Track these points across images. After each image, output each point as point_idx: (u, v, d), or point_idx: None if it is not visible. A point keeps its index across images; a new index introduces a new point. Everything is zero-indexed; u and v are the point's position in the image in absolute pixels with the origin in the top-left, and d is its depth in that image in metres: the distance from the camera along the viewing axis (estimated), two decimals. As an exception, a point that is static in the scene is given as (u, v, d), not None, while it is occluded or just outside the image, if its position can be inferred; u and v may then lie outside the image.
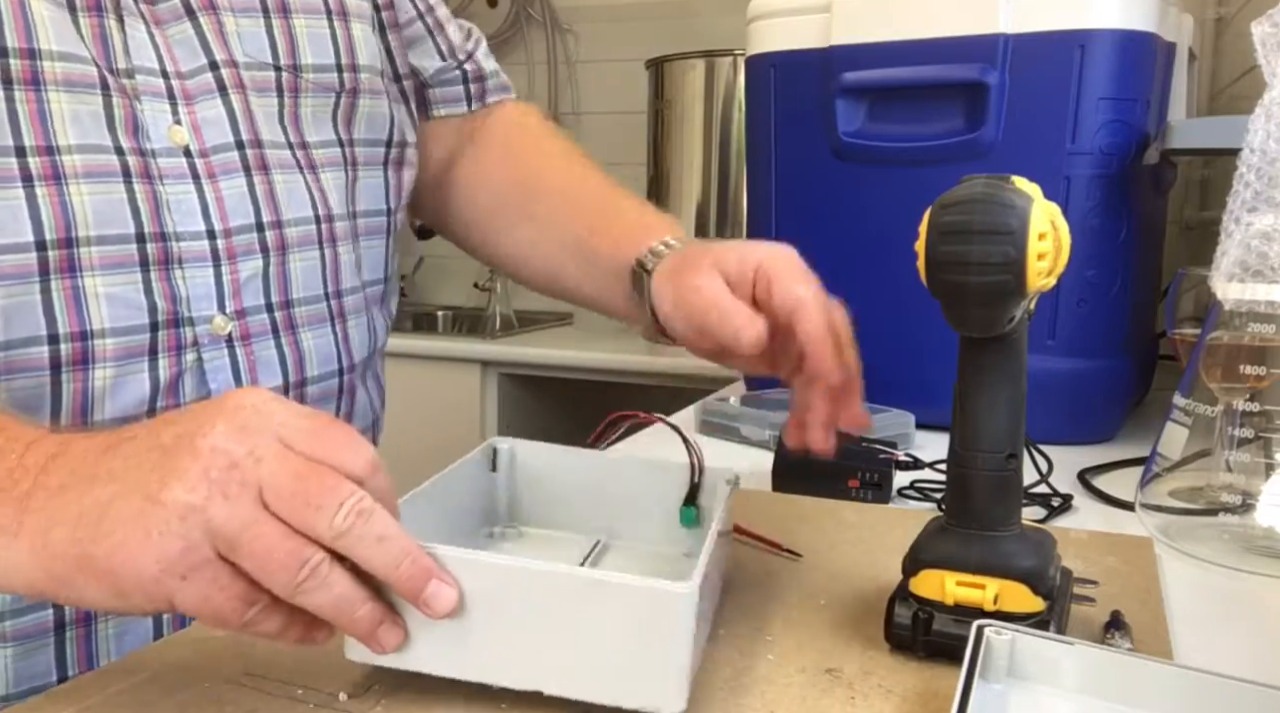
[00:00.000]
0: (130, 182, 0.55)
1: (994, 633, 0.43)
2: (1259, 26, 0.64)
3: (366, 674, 0.46)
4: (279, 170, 0.62)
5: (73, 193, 0.53)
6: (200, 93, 0.59)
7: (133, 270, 0.55)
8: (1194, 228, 1.52)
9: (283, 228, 0.62)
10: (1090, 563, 0.61)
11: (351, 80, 0.67)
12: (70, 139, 0.53)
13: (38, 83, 0.53)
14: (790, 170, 1.06)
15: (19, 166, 0.52)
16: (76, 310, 0.54)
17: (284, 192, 0.62)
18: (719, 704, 0.44)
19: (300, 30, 0.64)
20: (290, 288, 0.62)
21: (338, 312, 0.66)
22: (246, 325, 0.61)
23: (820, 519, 0.68)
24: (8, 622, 0.55)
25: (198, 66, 0.60)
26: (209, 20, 0.61)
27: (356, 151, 0.69)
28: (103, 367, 0.55)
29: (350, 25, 0.68)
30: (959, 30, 0.93)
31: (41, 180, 0.52)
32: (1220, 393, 0.66)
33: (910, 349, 0.98)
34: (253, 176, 0.60)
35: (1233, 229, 0.63)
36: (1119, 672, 0.42)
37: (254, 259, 0.60)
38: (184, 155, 0.58)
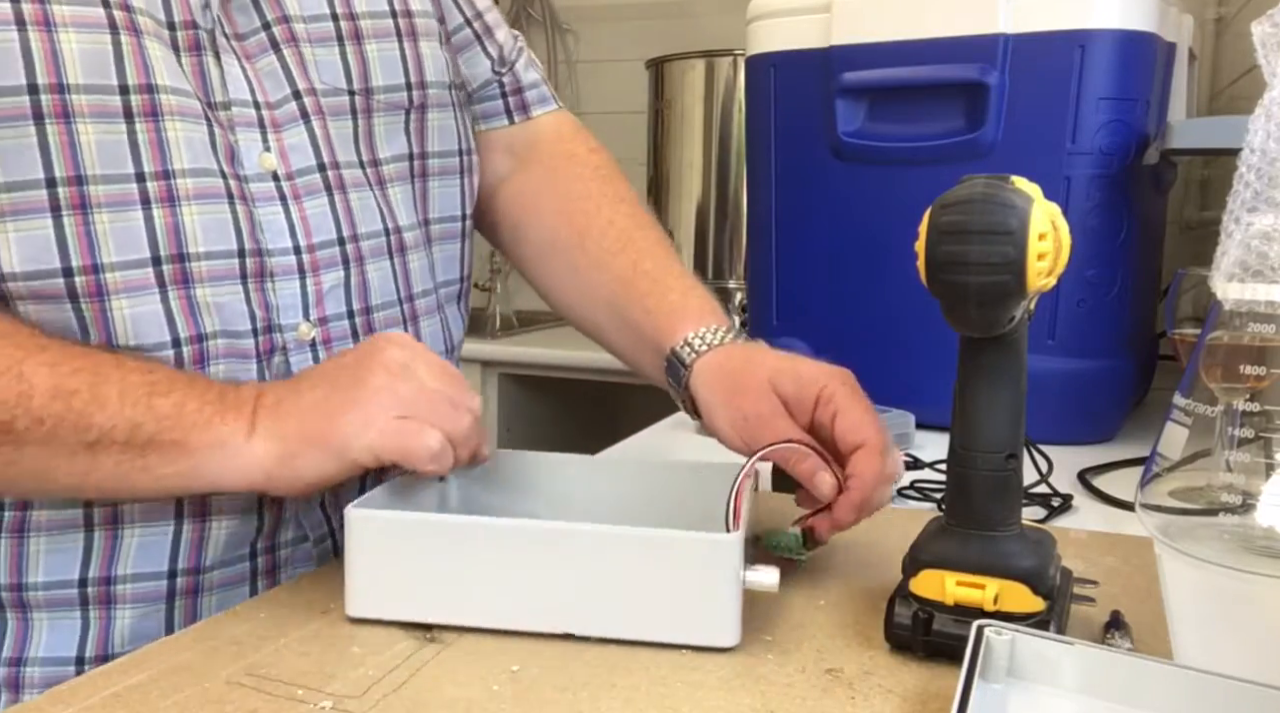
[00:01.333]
0: (233, 203, 0.61)
1: (994, 633, 0.43)
2: (1259, 26, 0.64)
3: (366, 675, 0.46)
4: (354, 189, 0.67)
5: (184, 214, 0.60)
6: (286, 121, 0.64)
7: (235, 282, 0.62)
8: (1194, 228, 1.52)
9: (359, 241, 0.67)
10: (1090, 563, 0.61)
11: (420, 97, 0.71)
12: (184, 164, 0.59)
13: (156, 114, 0.58)
14: (790, 170, 1.06)
15: (138, 191, 0.58)
16: (192, 317, 0.60)
17: (359, 208, 0.67)
18: (719, 704, 0.44)
19: (372, 55, 0.69)
20: (369, 295, 0.68)
21: (410, 314, 0.71)
22: (328, 331, 0.66)
23: (820, 519, 0.68)
24: (129, 585, 0.61)
25: (283, 96, 0.64)
26: (291, 52, 0.65)
27: (429, 163, 0.73)
28: (215, 365, 0.61)
29: (419, 44, 0.71)
30: (959, 30, 0.93)
31: (157, 203, 0.59)
32: (1220, 393, 0.66)
33: (910, 349, 0.98)
34: (333, 196, 0.66)
35: (1233, 229, 0.63)
36: (1119, 672, 0.42)
37: (335, 271, 0.66)
38: (273, 180, 0.63)
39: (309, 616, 0.53)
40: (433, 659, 0.48)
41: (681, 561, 0.48)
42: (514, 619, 0.50)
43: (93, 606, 0.61)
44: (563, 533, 0.50)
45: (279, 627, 0.51)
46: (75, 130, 0.56)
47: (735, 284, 1.94)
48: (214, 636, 0.50)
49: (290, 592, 0.56)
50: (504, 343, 2.08)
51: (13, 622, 0.61)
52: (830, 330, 1.03)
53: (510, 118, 0.82)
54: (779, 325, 1.07)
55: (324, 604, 0.54)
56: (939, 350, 0.97)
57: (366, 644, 0.49)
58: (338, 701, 0.44)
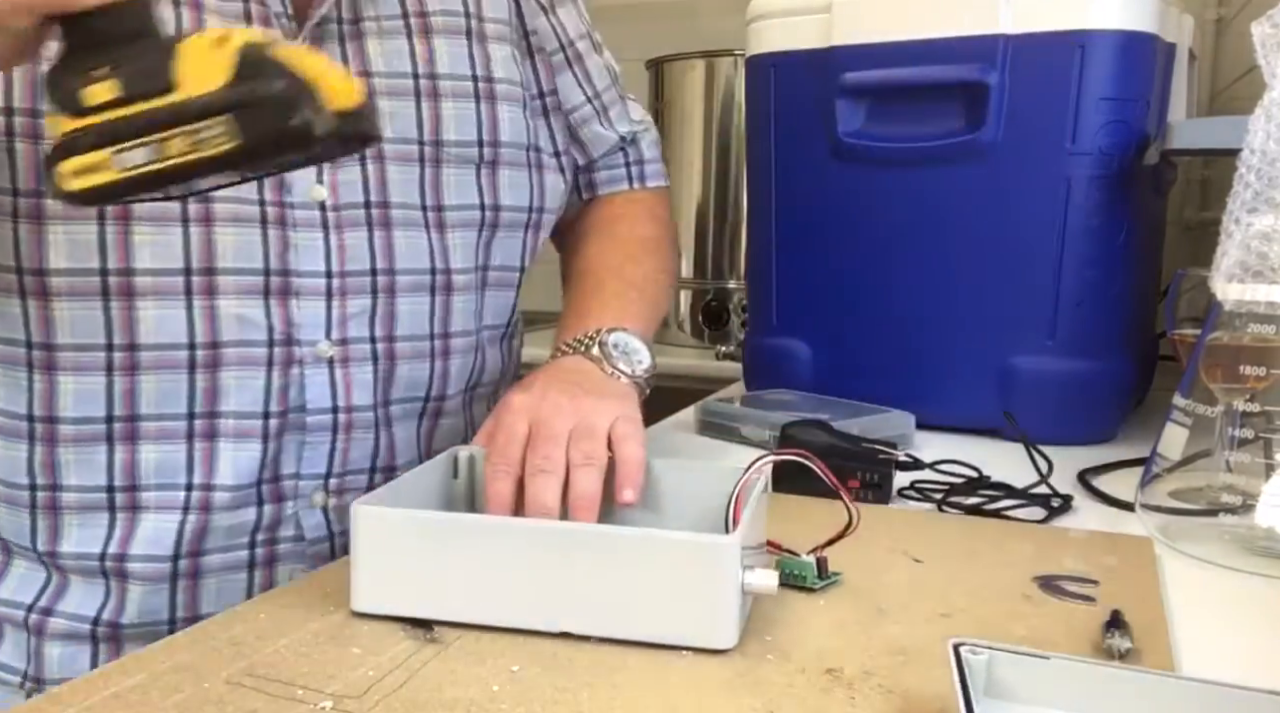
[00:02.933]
0: (265, 227, 0.68)
1: (970, 652, 0.42)
2: (1259, 27, 0.64)
3: (366, 675, 0.46)
4: (402, 227, 0.73)
5: (217, 232, 0.67)
6: (346, 160, 0.71)
7: (257, 297, 0.69)
8: (1194, 228, 1.52)
9: (394, 275, 0.73)
10: (1090, 563, 0.61)
11: (492, 153, 0.78)
12: (222, 192, 0.65)
13: None
14: (790, 170, 1.06)
15: (179, 211, 0.66)
16: (210, 325, 0.68)
17: (404, 245, 0.73)
18: (719, 705, 0.44)
19: (447, 112, 0.75)
20: (395, 325, 0.74)
21: (442, 350, 0.77)
22: (348, 351, 0.72)
23: (820, 519, 0.68)
24: (137, 564, 0.69)
25: None
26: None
27: (501, 215, 0.79)
28: (226, 371, 0.68)
29: (497, 107, 0.78)
30: (959, 30, 0.93)
31: (196, 222, 0.66)
32: (1220, 393, 0.66)
33: (910, 349, 0.98)
34: (373, 231, 0.72)
35: (1233, 230, 0.63)
36: (1096, 685, 0.41)
37: (363, 298, 0.72)
38: (319, 209, 0.70)
39: (309, 616, 0.53)
40: (433, 659, 0.48)
41: (681, 562, 0.48)
42: (513, 617, 0.50)
43: (111, 577, 0.70)
44: (563, 532, 0.51)
45: (279, 627, 0.51)
46: None
47: (735, 284, 1.94)
48: (214, 636, 0.50)
49: (290, 592, 0.56)
50: (504, 343, 2.07)
51: (55, 576, 0.70)
52: (830, 330, 1.03)
53: (630, 183, 0.92)
54: (779, 325, 1.08)
55: (324, 605, 0.54)
56: (939, 350, 0.98)
57: (366, 644, 0.49)
58: (338, 701, 0.44)
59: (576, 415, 0.61)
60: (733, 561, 0.48)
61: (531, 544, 0.50)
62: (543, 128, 0.84)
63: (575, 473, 0.58)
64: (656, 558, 0.48)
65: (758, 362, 1.11)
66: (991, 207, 0.94)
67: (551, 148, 0.85)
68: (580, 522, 0.55)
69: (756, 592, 0.49)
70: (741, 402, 1.00)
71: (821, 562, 0.57)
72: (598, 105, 0.89)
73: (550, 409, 0.61)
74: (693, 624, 0.48)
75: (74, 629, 0.70)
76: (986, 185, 0.94)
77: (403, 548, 0.51)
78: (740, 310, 1.92)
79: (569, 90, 0.87)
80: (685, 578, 0.48)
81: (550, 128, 0.85)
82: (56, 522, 0.69)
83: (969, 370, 0.96)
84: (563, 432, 0.60)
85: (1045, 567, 0.61)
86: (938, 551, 0.64)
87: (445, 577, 0.51)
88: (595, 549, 0.49)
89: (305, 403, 0.71)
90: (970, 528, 0.69)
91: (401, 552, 0.51)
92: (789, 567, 0.57)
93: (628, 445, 0.60)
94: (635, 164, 0.92)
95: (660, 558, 0.48)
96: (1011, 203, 0.93)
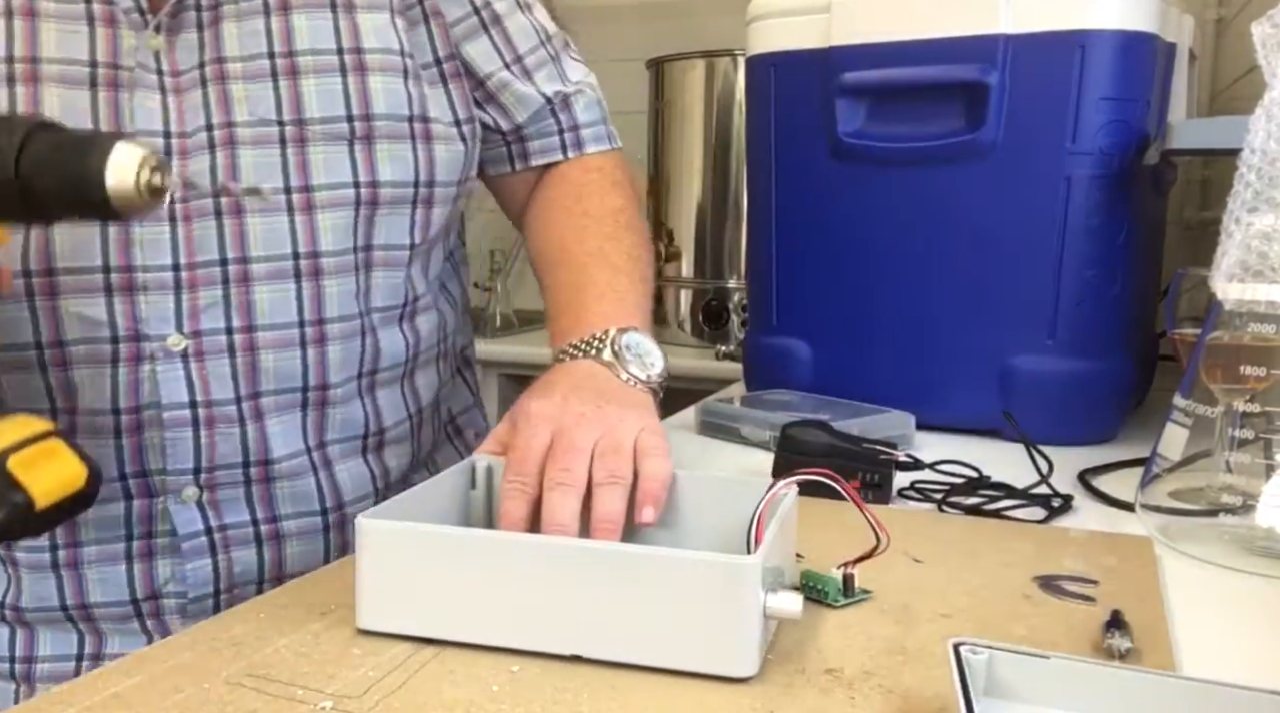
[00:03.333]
0: (105, 224, 0.68)
1: (970, 652, 0.42)
2: (1259, 27, 0.64)
3: (366, 676, 0.46)
4: (258, 214, 0.72)
5: (55, 233, 0.68)
6: (194, 150, 0.70)
7: (98, 295, 0.69)
8: (1194, 228, 1.52)
9: (248, 264, 0.71)
10: (1090, 563, 0.61)
11: (365, 128, 0.75)
12: None
13: None
14: (790, 170, 1.06)
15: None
16: (54, 325, 0.68)
17: (260, 232, 0.72)
18: (719, 705, 0.44)
19: (308, 89, 0.73)
20: (253, 315, 0.72)
21: (316, 337, 0.75)
22: (201, 345, 0.71)
23: (820, 519, 0.68)
24: (21, 552, 0.72)
25: (196, 128, 0.71)
26: (216, 89, 0.71)
27: (380, 192, 0.76)
28: (76, 370, 0.69)
29: (368, 79, 0.75)
30: (959, 30, 0.93)
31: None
32: (1220, 393, 0.66)
33: (910, 349, 0.98)
34: (222, 220, 0.71)
35: (1233, 230, 0.63)
36: (1096, 685, 0.41)
37: (214, 289, 0.71)
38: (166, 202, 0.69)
39: (309, 616, 0.53)
40: (433, 660, 0.48)
41: (698, 583, 0.46)
42: (523, 639, 0.48)
43: (7, 563, 0.74)
44: (574, 549, 0.49)
45: (279, 627, 0.51)
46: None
47: (735, 284, 1.94)
48: (214, 636, 0.50)
49: (290, 593, 0.56)
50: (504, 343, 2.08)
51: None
52: (830, 330, 1.03)
53: (565, 152, 0.87)
54: (779, 325, 1.08)
55: (324, 605, 0.54)
56: (939, 350, 0.98)
57: (366, 645, 0.49)
58: (338, 701, 0.44)
59: (601, 426, 0.59)
60: (754, 582, 0.46)
61: (541, 562, 0.48)
62: (438, 96, 0.80)
63: (599, 491, 0.55)
64: (673, 579, 0.46)
65: (758, 362, 1.11)
66: (991, 207, 0.94)
67: (450, 117, 0.80)
68: (591, 539, 0.53)
69: (780, 616, 0.47)
70: (741, 402, 1.00)
71: (848, 579, 0.55)
72: (518, 70, 0.84)
73: (573, 419, 0.59)
74: (711, 650, 0.46)
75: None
76: (986, 185, 0.94)
77: (407, 564, 0.49)
78: (740, 310, 1.92)
79: (483, 55, 0.82)
80: (703, 600, 0.46)
81: (449, 95, 0.80)
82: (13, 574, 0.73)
83: (969, 370, 0.96)
84: (586, 445, 0.57)
85: (1045, 567, 0.61)
86: (938, 551, 0.64)
87: (451, 595, 0.49)
88: (608, 568, 0.47)
89: (160, 398, 0.70)
90: (970, 528, 0.69)
91: (406, 568, 0.49)
92: (811, 579, 0.55)
93: (654, 460, 0.57)
94: (570, 131, 0.87)
95: (677, 579, 0.46)
96: (1011, 203, 0.93)
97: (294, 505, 0.76)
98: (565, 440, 0.58)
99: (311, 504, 0.77)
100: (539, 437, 0.58)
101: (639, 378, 0.68)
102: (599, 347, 0.69)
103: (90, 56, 0.69)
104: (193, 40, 0.71)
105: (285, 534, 0.76)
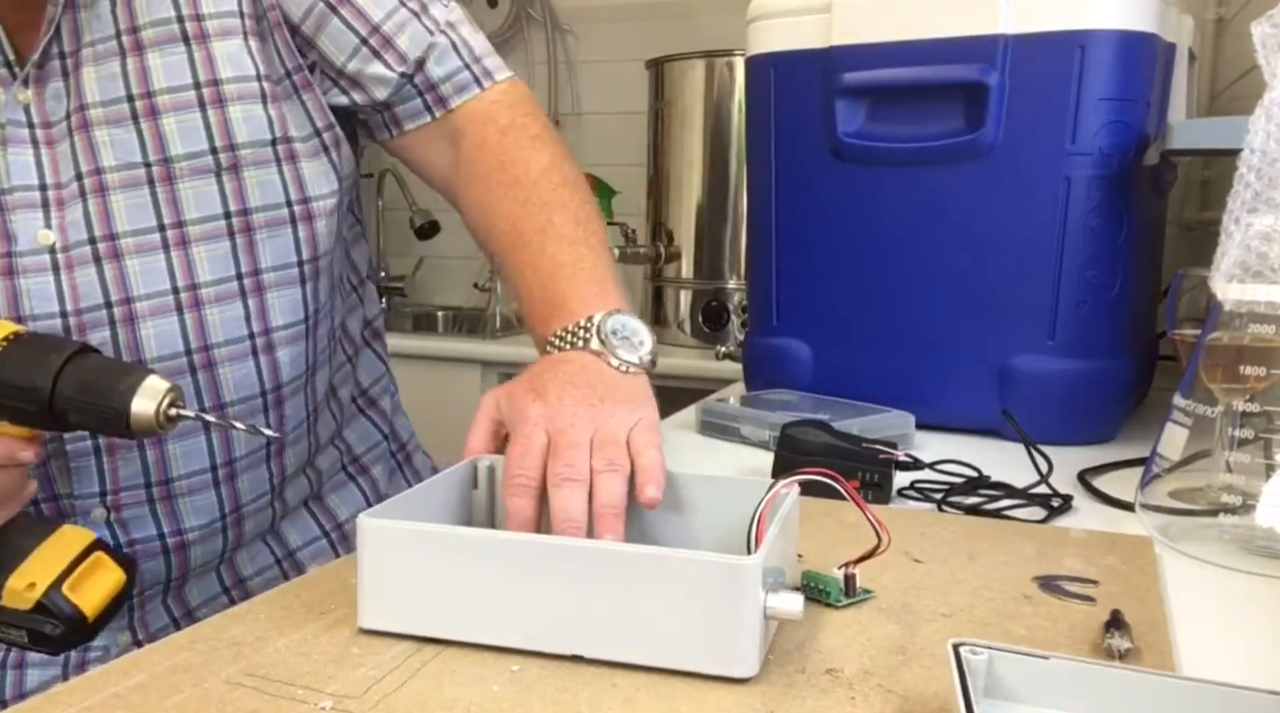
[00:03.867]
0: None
1: (970, 652, 0.42)
2: (1259, 27, 0.64)
3: (366, 675, 0.46)
4: (136, 255, 0.74)
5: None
6: (70, 199, 0.73)
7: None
8: (1194, 228, 1.52)
9: (131, 303, 0.74)
10: (1090, 563, 0.61)
11: (230, 158, 0.76)
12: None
13: None
14: (790, 170, 1.06)
15: None
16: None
17: (139, 272, 0.74)
18: (719, 704, 0.44)
19: (169, 127, 0.74)
20: (141, 350, 0.74)
21: (204, 362, 0.77)
22: None
23: (820, 519, 0.68)
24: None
25: (70, 177, 0.73)
26: (81, 137, 0.73)
27: (252, 218, 0.77)
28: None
29: (227, 109, 0.76)
30: (959, 30, 0.93)
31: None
32: (1220, 394, 0.66)
33: (910, 349, 0.98)
34: (102, 265, 0.73)
35: (1233, 230, 0.63)
36: (1096, 685, 0.41)
37: (101, 330, 0.73)
38: (49, 253, 0.72)
39: (308, 616, 0.53)
40: (433, 659, 0.48)
41: (698, 583, 0.46)
42: (524, 639, 0.48)
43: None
44: (575, 550, 0.48)
45: (278, 627, 0.51)
46: None
47: (735, 284, 1.94)
48: (214, 636, 0.50)
49: (290, 593, 0.56)
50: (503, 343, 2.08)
51: None
52: (830, 331, 1.03)
53: (432, 114, 0.84)
54: (779, 325, 1.08)
55: (323, 605, 0.54)
56: (939, 351, 0.98)
57: (366, 644, 0.49)
58: (338, 701, 0.44)
59: (595, 422, 0.59)
60: (753, 583, 0.45)
61: (541, 562, 0.48)
62: (295, 109, 0.79)
63: (599, 479, 0.56)
64: (673, 579, 0.46)
65: (758, 362, 1.11)
66: (991, 207, 0.94)
67: (308, 128, 0.80)
68: (607, 533, 0.53)
69: (780, 617, 0.47)
70: (741, 402, 1.00)
71: (849, 579, 0.55)
72: (377, 40, 0.80)
73: (567, 418, 0.59)
74: (711, 650, 0.46)
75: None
76: (986, 185, 0.94)
77: (408, 564, 0.49)
78: (740, 310, 1.92)
79: (337, 41, 0.80)
80: (703, 601, 0.46)
81: (304, 105, 0.80)
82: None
83: (969, 370, 0.96)
84: (584, 440, 0.58)
85: (1045, 567, 0.61)
86: (938, 551, 0.64)
87: (451, 595, 0.49)
88: (608, 569, 0.47)
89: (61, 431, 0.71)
90: (970, 528, 0.69)
91: (407, 567, 0.49)
92: (811, 579, 0.55)
93: (648, 454, 0.58)
94: (428, 91, 0.83)
95: (677, 579, 0.46)
96: (1011, 203, 0.93)
97: (196, 518, 0.79)
98: (565, 438, 0.58)
99: (213, 513, 0.80)
100: (537, 438, 0.59)
101: (630, 362, 0.67)
102: (585, 336, 0.68)
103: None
104: (60, 89, 0.72)
105: (189, 542, 0.79)
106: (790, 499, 0.54)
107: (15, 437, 0.62)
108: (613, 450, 0.58)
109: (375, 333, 0.98)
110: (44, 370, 0.56)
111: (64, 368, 0.57)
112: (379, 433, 0.97)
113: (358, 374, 0.95)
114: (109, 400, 0.56)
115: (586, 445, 0.58)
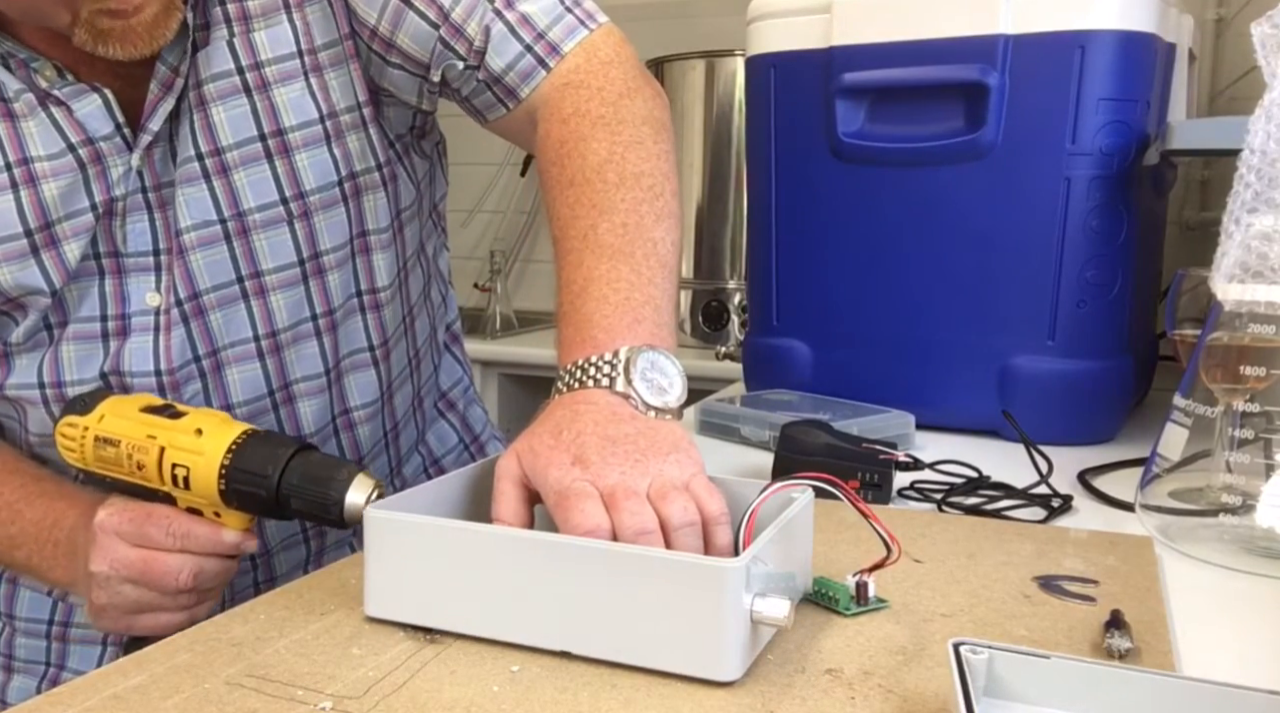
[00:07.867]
0: (106, 341, 0.75)
1: (970, 652, 0.42)
2: (1259, 27, 0.64)
3: (366, 676, 0.46)
4: (219, 309, 0.76)
5: (63, 348, 0.75)
6: (175, 260, 0.75)
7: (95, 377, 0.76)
8: (1194, 228, 1.52)
9: (217, 355, 0.77)
10: (1090, 563, 0.61)
11: (300, 207, 0.77)
12: (79, 312, 0.75)
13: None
14: (790, 170, 1.06)
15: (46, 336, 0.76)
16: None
17: (222, 325, 0.77)
18: (719, 705, 0.44)
19: (240, 182, 0.75)
20: (229, 394, 0.78)
21: (284, 399, 0.80)
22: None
23: (820, 519, 0.68)
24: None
25: (168, 238, 0.75)
26: (175, 195, 0.75)
27: (322, 261, 0.79)
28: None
29: (293, 158, 0.76)
30: (959, 31, 0.93)
31: (58, 340, 0.76)
32: (1220, 394, 0.66)
33: (910, 349, 0.98)
34: (189, 324, 0.76)
35: (1233, 230, 0.63)
36: (1096, 685, 0.41)
37: (194, 384, 0.77)
38: (154, 314, 0.75)
39: (308, 617, 0.53)
40: (433, 660, 0.48)
41: (682, 585, 0.46)
42: (516, 633, 0.49)
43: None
44: (565, 546, 0.49)
45: (278, 628, 0.51)
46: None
47: (735, 284, 1.94)
48: (214, 636, 0.50)
49: (289, 593, 0.56)
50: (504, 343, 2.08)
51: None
52: (830, 331, 1.03)
53: (506, 107, 0.78)
54: (779, 325, 1.08)
55: (324, 605, 0.54)
56: (939, 351, 0.98)
57: (366, 645, 0.49)
58: (338, 701, 0.44)
59: (647, 475, 0.54)
60: (736, 586, 0.45)
61: (533, 558, 0.48)
62: (361, 142, 0.79)
63: (676, 536, 0.51)
64: (658, 579, 0.46)
65: (758, 362, 1.11)
66: (991, 207, 0.94)
67: (372, 161, 0.79)
68: (580, 537, 0.50)
69: (765, 622, 0.46)
70: (741, 402, 1.00)
71: (861, 587, 0.54)
72: (447, 32, 0.76)
73: (616, 477, 0.53)
74: (693, 652, 0.46)
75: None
76: (986, 185, 0.94)
77: (409, 554, 0.51)
78: (740, 310, 1.92)
79: (418, 37, 0.76)
80: (687, 602, 0.46)
81: (369, 137, 0.79)
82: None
83: (969, 371, 0.96)
84: (643, 490, 0.53)
85: (1045, 567, 0.61)
86: (938, 551, 0.64)
87: (449, 587, 0.50)
88: (597, 566, 0.47)
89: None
90: (970, 528, 0.69)
91: (408, 558, 0.51)
92: (821, 586, 0.55)
93: (710, 505, 0.53)
94: (494, 85, 0.77)
95: (662, 579, 0.46)
96: (1011, 203, 0.93)
97: (281, 533, 0.82)
98: (621, 492, 0.53)
99: (293, 526, 0.83)
100: (594, 517, 0.51)
101: (657, 408, 0.60)
102: (610, 375, 0.60)
103: (90, 201, 0.73)
104: (163, 150, 0.74)
105: (273, 551, 0.83)
106: (800, 504, 0.54)
107: (241, 530, 0.66)
108: (684, 499, 0.52)
109: (454, 336, 1.00)
110: (275, 461, 0.63)
111: (291, 460, 0.63)
112: (455, 435, 0.99)
113: (439, 380, 0.97)
114: (328, 489, 0.62)
115: (644, 495, 0.53)
